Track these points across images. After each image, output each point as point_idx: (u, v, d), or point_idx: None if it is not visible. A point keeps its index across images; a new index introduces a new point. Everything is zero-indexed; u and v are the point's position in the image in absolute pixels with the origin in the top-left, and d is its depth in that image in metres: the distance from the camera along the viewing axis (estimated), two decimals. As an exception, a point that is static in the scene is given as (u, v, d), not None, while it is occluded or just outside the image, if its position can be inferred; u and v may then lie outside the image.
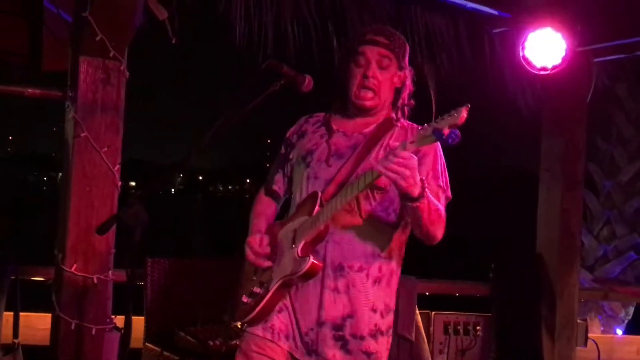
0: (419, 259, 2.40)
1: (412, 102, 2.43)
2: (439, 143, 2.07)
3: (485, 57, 4.39)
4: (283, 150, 2.52)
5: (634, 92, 5.65)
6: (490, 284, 4.28)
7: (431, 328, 4.18)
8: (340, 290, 2.31)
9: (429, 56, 4.37)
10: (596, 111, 4.90)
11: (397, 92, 2.41)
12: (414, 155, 2.01)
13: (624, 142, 5.71)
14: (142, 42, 3.02)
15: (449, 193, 2.36)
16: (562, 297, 4.20)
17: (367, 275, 2.32)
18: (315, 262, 2.22)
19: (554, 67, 3.81)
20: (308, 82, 2.32)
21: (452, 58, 4.40)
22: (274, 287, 2.32)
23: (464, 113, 1.90)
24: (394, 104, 2.42)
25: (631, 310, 5.62)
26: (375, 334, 2.32)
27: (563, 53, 3.77)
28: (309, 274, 2.24)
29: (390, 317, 2.39)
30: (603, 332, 5.45)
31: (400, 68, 2.37)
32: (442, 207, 2.26)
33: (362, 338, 2.31)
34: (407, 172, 2.00)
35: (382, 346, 2.34)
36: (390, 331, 2.40)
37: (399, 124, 2.39)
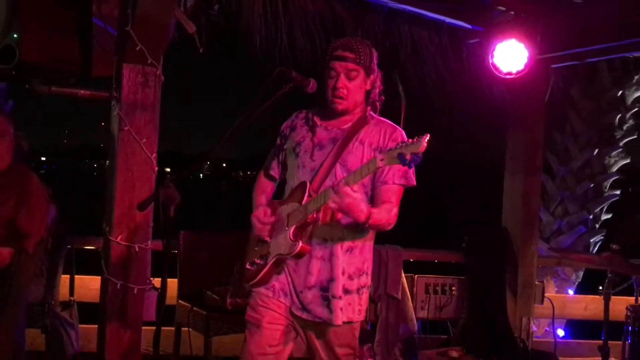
0: (405, 233, 2.42)
1: (383, 97, 2.43)
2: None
3: (462, 63, 4.38)
4: (278, 141, 2.54)
5: (585, 93, 5.62)
6: (463, 252, 4.28)
7: (414, 288, 4.19)
8: (325, 259, 2.34)
9: (415, 63, 4.36)
10: (553, 109, 4.87)
11: (368, 93, 2.40)
12: (356, 193, 2.12)
13: (576, 136, 5.69)
14: (175, 50, 3.00)
15: (413, 181, 2.38)
16: (523, 263, 4.21)
17: (342, 246, 2.35)
18: (304, 246, 2.27)
19: (517, 72, 3.79)
20: (312, 84, 2.33)
21: (435, 65, 4.39)
22: (271, 262, 2.38)
23: (424, 143, 1.96)
24: (366, 102, 2.41)
25: (581, 274, 5.62)
26: (344, 291, 2.35)
27: (525, 60, 3.75)
28: (299, 255, 2.30)
29: (362, 279, 2.40)
30: (557, 292, 5.46)
31: (368, 74, 2.36)
32: (389, 212, 2.30)
33: (339, 298, 2.33)
34: (350, 206, 2.11)
35: (347, 301, 2.36)
36: (363, 290, 2.41)
37: (372, 120, 2.40)
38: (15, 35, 2.39)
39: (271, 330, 2.40)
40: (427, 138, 1.97)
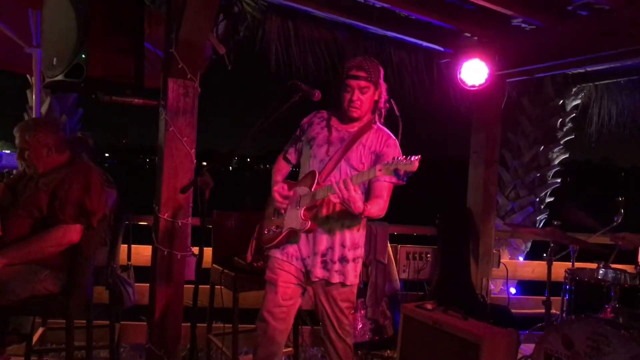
0: (391, 212, 2.41)
1: (387, 105, 2.42)
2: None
3: (435, 79, 4.36)
4: (298, 132, 2.53)
5: (533, 102, 5.57)
6: (437, 227, 4.27)
7: (398, 256, 4.19)
8: (326, 233, 2.34)
9: (399, 79, 4.34)
10: (508, 114, 4.86)
11: (376, 102, 2.39)
12: (356, 189, 2.11)
13: (526, 135, 5.66)
14: (211, 67, 2.99)
15: (403, 182, 2.30)
16: (484, 235, 4.20)
17: (342, 224, 2.34)
18: (313, 224, 2.29)
19: (480, 85, 3.77)
20: (318, 94, 2.33)
21: (414, 79, 4.37)
22: (285, 232, 2.38)
23: (416, 164, 1.98)
24: (373, 110, 2.40)
25: (529, 244, 5.60)
26: (341, 259, 2.36)
27: (486, 76, 3.73)
28: (308, 231, 2.33)
29: (358, 251, 2.41)
30: (510, 258, 5.44)
31: (377, 88, 2.36)
32: (380, 204, 2.28)
33: (334, 262, 2.35)
34: (349, 200, 2.10)
35: (346, 267, 2.37)
36: (358, 260, 2.41)
37: (375, 127, 2.39)
38: (83, 56, 2.37)
39: (284, 288, 2.42)
40: (419, 158, 1.97)
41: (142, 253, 3.49)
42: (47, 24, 2.65)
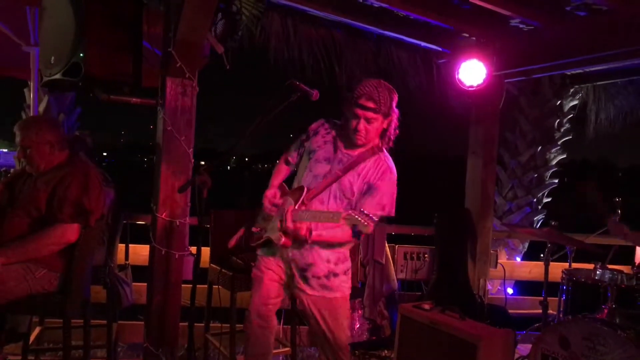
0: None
1: (397, 131, 2.33)
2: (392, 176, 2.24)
3: (434, 78, 4.37)
4: (304, 137, 2.48)
5: (531, 102, 5.58)
6: (434, 227, 4.26)
7: (395, 255, 4.19)
8: (306, 247, 2.30)
9: (397, 79, 4.34)
10: (506, 114, 4.86)
11: (384, 130, 2.30)
12: (295, 227, 2.15)
13: (523, 135, 5.66)
14: (209, 66, 2.98)
15: (392, 212, 2.28)
16: (481, 235, 4.20)
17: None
18: (286, 240, 2.25)
19: (478, 85, 3.77)
20: (316, 94, 2.31)
21: (412, 80, 4.38)
22: (264, 238, 2.37)
23: (370, 228, 1.96)
24: (381, 136, 2.32)
25: (526, 244, 5.61)
26: (328, 275, 2.32)
27: (484, 76, 3.73)
28: (282, 246, 2.29)
29: (346, 264, 2.36)
30: (507, 259, 5.45)
31: (386, 117, 2.26)
32: (335, 235, 2.25)
33: (318, 278, 2.31)
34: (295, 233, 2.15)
35: (335, 282, 2.33)
36: (348, 271, 2.36)
37: (377, 156, 2.31)
38: (81, 54, 2.37)
39: (270, 286, 2.41)
40: (373, 226, 1.95)
41: (140, 252, 3.48)
42: (45, 22, 2.64)
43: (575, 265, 3.46)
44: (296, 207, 2.23)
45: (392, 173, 2.30)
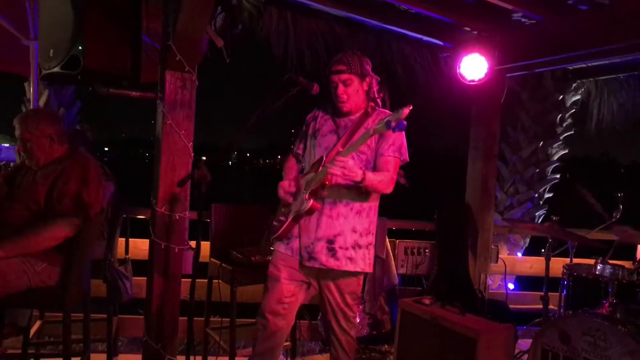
0: (390, 207, 2.42)
1: (382, 94, 2.40)
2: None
3: (434, 73, 4.35)
4: (304, 128, 2.53)
5: (533, 97, 5.56)
6: (435, 222, 4.26)
7: (396, 250, 4.19)
8: (333, 217, 2.33)
9: (398, 73, 4.33)
10: (507, 109, 4.84)
11: (367, 92, 2.38)
12: (347, 160, 2.11)
13: (525, 130, 5.65)
14: (208, 60, 2.98)
15: (406, 157, 2.35)
16: (482, 230, 4.20)
17: (351, 209, 2.33)
18: (314, 203, 2.25)
19: (479, 80, 3.75)
20: (315, 88, 2.31)
21: (413, 74, 4.36)
22: (290, 218, 2.35)
23: (405, 111, 1.96)
24: (368, 100, 2.39)
25: (527, 240, 5.61)
26: (354, 246, 2.32)
27: (485, 70, 3.71)
28: (310, 211, 2.28)
29: (369, 237, 2.37)
30: (508, 254, 5.45)
31: (363, 78, 2.34)
32: (386, 177, 2.27)
33: (345, 248, 2.30)
34: (344, 171, 2.10)
35: (359, 255, 2.33)
36: (371, 246, 2.38)
37: (374, 112, 2.38)
38: (80, 47, 2.36)
39: (287, 285, 2.39)
40: (409, 108, 1.95)
41: (140, 247, 3.49)
42: (44, 15, 2.63)
43: (576, 260, 3.46)
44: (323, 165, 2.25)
45: None
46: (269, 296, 2.41)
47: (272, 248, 2.49)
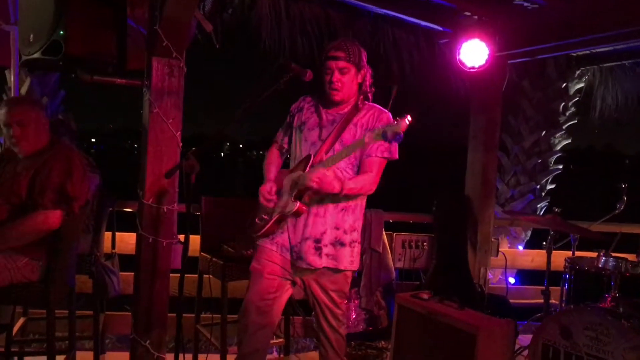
0: (386, 199, 2.42)
1: (374, 89, 2.39)
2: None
3: (434, 59, 4.33)
4: (288, 119, 2.51)
5: (535, 84, 5.56)
6: (433, 214, 4.26)
7: (393, 244, 4.18)
8: (320, 215, 2.32)
9: (395, 60, 4.30)
10: (508, 97, 4.84)
11: (360, 85, 2.37)
12: (325, 174, 2.15)
13: (527, 120, 5.65)
14: (196, 45, 2.95)
15: (396, 156, 2.35)
16: (482, 223, 4.20)
17: (336, 206, 2.33)
18: (301, 206, 2.28)
19: (479, 67, 3.73)
20: (309, 74, 2.30)
21: (411, 60, 4.34)
22: (274, 218, 2.35)
23: (404, 125, 1.97)
24: (359, 92, 2.38)
25: (529, 233, 5.64)
26: (335, 243, 2.33)
27: (486, 57, 3.70)
28: (297, 214, 2.29)
29: (354, 235, 2.37)
30: (509, 247, 5.48)
31: (359, 69, 2.33)
32: (367, 180, 2.30)
33: (326, 246, 2.32)
34: (321, 185, 2.15)
35: (341, 253, 2.33)
36: (355, 244, 2.38)
37: (364, 107, 2.37)
38: (61, 32, 2.33)
39: (270, 280, 2.38)
40: (408, 119, 1.95)
41: (127, 241, 3.46)
42: (24, -2, 2.60)
43: (578, 253, 3.47)
44: (307, 170, 2.26)
45: (387, 113, 2.38)
46: (251, 292, 2.40)
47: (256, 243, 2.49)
